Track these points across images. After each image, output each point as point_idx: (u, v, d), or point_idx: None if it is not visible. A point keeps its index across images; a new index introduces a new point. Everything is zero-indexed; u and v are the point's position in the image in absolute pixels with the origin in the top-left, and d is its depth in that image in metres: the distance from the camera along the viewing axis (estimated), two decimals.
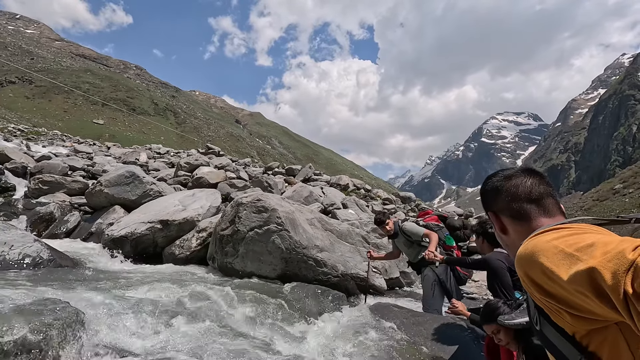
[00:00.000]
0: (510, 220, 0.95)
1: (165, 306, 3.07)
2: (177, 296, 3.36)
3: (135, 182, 7.31)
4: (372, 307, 3.44)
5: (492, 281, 2.64)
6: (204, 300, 3.25)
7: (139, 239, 5.97)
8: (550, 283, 0.67)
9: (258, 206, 4.70)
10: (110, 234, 6.06)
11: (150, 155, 20.30)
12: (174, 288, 3.73)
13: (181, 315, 2.88)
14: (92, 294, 2.93)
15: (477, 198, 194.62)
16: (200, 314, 2.95)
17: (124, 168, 7.56)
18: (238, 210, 4.79)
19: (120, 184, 7.20)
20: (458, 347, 2.52)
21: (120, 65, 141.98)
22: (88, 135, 50.06)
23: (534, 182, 0.96)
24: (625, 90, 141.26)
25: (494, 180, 1.01)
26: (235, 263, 4.78)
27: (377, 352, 2.64)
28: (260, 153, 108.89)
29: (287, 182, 13.02)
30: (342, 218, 7.77)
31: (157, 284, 3.77)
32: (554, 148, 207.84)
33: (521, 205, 0.93)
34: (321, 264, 4.96)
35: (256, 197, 4.82)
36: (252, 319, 3.10)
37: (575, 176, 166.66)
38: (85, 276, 4.04)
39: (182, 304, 3.20)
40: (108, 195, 7.09)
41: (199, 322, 2.83)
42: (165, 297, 3.30)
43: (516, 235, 0.93)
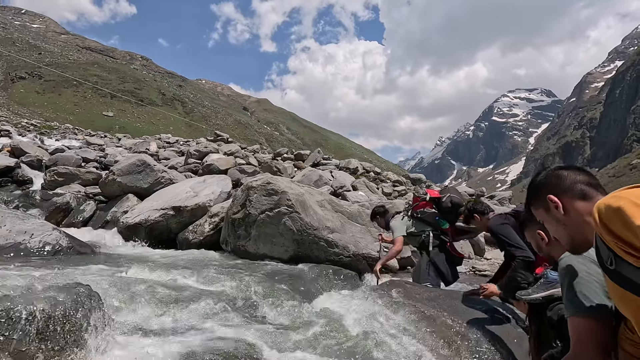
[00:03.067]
0: (574, 200, 1.13)
1: (179, 288, 3.14)
2: (191, 278, 3.44)
3: (146, 170, 7.41)
4: (384, 285, 3.46)
5: (502, 244, 2.63)
6: (216, 282, 3.32)
7: (153, 225, 6.09)
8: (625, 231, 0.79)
9: (268, 189, 4.73)
10: (125, 222, 6.20)
11: (160, 144, 20.52)
12: (187, 271, 3.81)
13: (194, 296, 2.95)
14: (110, 278, 3.02)
15: (489, 178, 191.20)
16: (212, 294, 3.02)
17: (135, 157, 7.66)
18: (249, 194, 4.84)
19: (132, 172, 7.31)
20: (474, 318, 2.53)
21: (126, 56, 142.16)
22: (99, 128, 50.76)
23: (587, 174, 1.18)
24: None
25: (553, 170, 1.21)
26: (248, 245, 4.85)
27: (391, 327, 2.67)
28: (269, 139, 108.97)
29: (296, 166, 13.05)
30: (353, 200, 7.78)
31: (172, 267, 3.86)
32: (568, 124, 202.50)
33: (584, 187, 1.13)
34: (332, 245, 5.00)
35: (266, 180, 4.85)
36: (263, 299, 3.16)
37: (591, 152, 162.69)
38: (103, 261, 4.16)
39: (196, 285, 3.27)
40: (121, 184, 7.22)
41: (211, 302, 2.90)
42: (179, 279, 3.39)
43: (581, 212, 1.10)
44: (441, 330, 2.45)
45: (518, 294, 1.82)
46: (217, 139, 14.36)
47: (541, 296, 1.68)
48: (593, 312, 1.16)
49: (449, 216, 3.81)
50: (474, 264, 7.08)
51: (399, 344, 2.33)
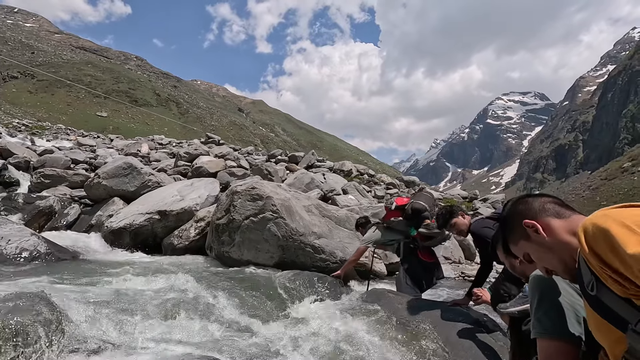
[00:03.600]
0: (550, 219, 1.05)
1: (154, 297, 3.05)
2: (169, 285, 3.34)
3: (133, 173, 7.28)
4: (367, 294, 3.40)
5: (486, 248, 2.56)
6: (194, 290, 3.23)
7: (138, 230, 5.97)
8: (612, 255, 0.73)
9: (253, 194, 4.65)
10: (110, 226, 6.08)
11: (152, 146, 20.31)
12: (167, 278, 3.72)
13: (168, 305, 2.86)
14: (82, 286, 2.91)
15: (483, 180, 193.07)
16: (188, 303, 2.92)
17: (122, 159, 7.53)
18: (233, 199, 4.75)
19: (118, 175, 7.18)
20: (455, 330, 2.47)
21: (120, 56, 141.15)
22: (92, 128, 50.22)
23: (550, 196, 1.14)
24: (635, 65, 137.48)
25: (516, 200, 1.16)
26: (232, 252, 4.76)
27: (369, 337, 2.60)
28: (264, 141, 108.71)
29: (289, 169, 12.96)
30: (342, 204, 7.71)
31: (151, 274, 3.75)
32: (561, 127, 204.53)
33: (554, 206, 1.07)
34: (319, 251, 4.92)
35: (251, 185, 4.76)
36: (243, 307, 3.07)
37: (583, 155, 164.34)
38: (81, 268, 4.05)
39: (172, 294, 3.18)
40: (107, 187, 7.09)
41: (188, 311, 2.81)
42: (157, 287, 3.29)
43: (563, 229, 1.02)
44: (419, 343, 2.38)
45: (498, 307, 1.77)
46: (208, 141, 14.21)
47: (517, 310, 1.64)
48: (562, 335, 1.11)
49: (413, 223, 3.73)
50: (463, 269, 7.05)
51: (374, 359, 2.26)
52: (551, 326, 1.12)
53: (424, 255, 3.80)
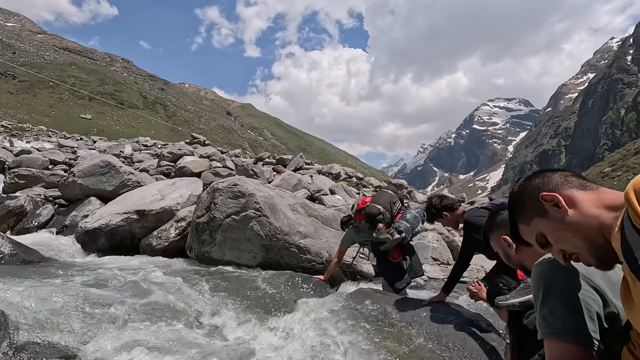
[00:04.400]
0: (575, 191, 0.90)
1: (125, 299, 2.81)
2: (142, 288, 3.11)
3: (111, 172, 6.97)
4: (354, 293, 3.22)
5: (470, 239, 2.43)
6: (170, 291, 3.01)
7: (114, 230, 5.67)
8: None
9: (234, 191, 4.44)
10: (84, 226, 5.76)
11: (137, 147, 19.83)
12: (141, 280, 3.48)
13: (137, 310, 2.63)
14: (42, 291, 2.66)
15: (470, 185, 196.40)
16: (162, 305, 2.70)
17: (99, 157, 7.21)
18: (214, 196, 4.53)
19: (95, 174, 6.86)
20: (445, 329, 2.31)
21: (106, 58, 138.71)
22: (76, 131, 48.91)
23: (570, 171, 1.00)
24: (614, 74, 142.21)
25: (533, 174, 1.00)
26: (213, 252, 4.53)
27: (356, 339, 2.43)
28: (253, 145, 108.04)
29: (276, 170, 12.74)
30: (330, 204, 7.55)
31: (125, 276, 3.50)
32: (544, 133, 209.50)
33: (577, 179, 0.93)
34: (304, 251, 4.74)
35: (232, 182, 4.55)
36: (221, 309, 2.86)
37: (566, 160, 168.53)
38: (47, 271, 3.76)
39: (147, 295, 2.95)
40: (82, 186, 6.75)
41: (160, 314, 2.59)
42: (128, 290, 3.05)
43: (590, 202, 0.88)
44: (410, 345, 2.22)
45: (496, 299, 1.61)
46: (193, 142, 13.90)
47: (517, 302, 1.49)
48: (572, 335, 0.94)
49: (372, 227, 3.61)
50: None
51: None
52: (559, 325, 0.95)
53: (394, 255, 3.71)
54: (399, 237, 3.48)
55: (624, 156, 78.78)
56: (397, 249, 3.72)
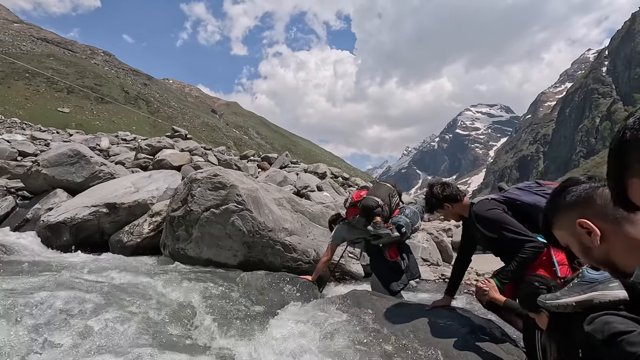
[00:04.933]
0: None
1: (85, 302, 2.39)
2: (105, 290, 2.68)
3: (80, 162, 6.41)
4: (347, 295, 2.89)
5: (500, 234, 2.10)
6: (137, 295, 2.59)
7: (81, 225, 5.16)
8: None
9: (215, 182, 4.02)
10: (46, 220, 5.22)
11: (115, 141, 18.99)
12: (105, 281, 3.05)
13: (102, 313, 2.22)
14: None
15: None
16: (126, 309, 2.30)
17: (67, 146, 6.63)
18: (191, 188, 4.10)
19: (63, 164, 6.29)
20: (454, 340, 1.99)
21: (86, 50, 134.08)
22: (52, 125, 46.68)
23: None
24: (590, 84, 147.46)
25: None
26: (189, 249, 4.10)
27: (351, 349, 2.10)
28: (237, 143, 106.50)
29: (261, 167, 12.31)
30: (317, 201, 7.19)
31: (84, 276, 3.06)
32: (524, 139, 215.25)
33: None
34: (290, 249, 4.37)
35: (213, 172, 4.14)
36: (195, 312, 2.47)
37: (544, 166, 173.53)
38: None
39: (109, 299, 2.53)
40: (47, 177, 6.17)
41: (123, 323, 2.18)
42: (87, 292, 2.61)
43: None
44: (414, 357, 1.89)
45: (540, 298, 1.28)
46: (174, 135, 13.29)
47: (575, 301, 1.16)
48: None
49: (368, 221, 3.36)
50: (442, 271, 6.70)
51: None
52: None
53: (391, 253, 3.46)
54: (398, 235, 3.24)
55: (597, 163, 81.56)
56: (394, 247, 3.47)
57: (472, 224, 2.31)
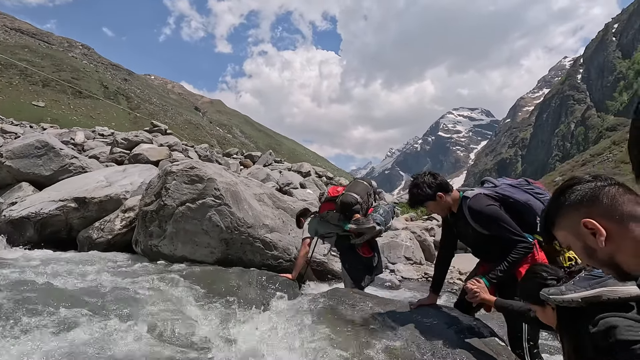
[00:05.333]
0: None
1: (35, 303, 2.16)
2: (69, 291, 2.45)
3: (49, 154, 6.03)
4: (328, 293, 2.75)
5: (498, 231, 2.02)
6: (102, 295, 2.38)
7: (46, 220, 4.84)
8: None
9: (191, 175, 3.81)
10: (9, 215, 4.87)
11: (91, 136, 18.28)
12: (70, 280, 2.81)
13: (64, 313, 2.01)
14: None
15: None
16: (91, 310, 2.08)
17: (34, 137, 6.24)
18: (166, 180, 3.87)
19: (29, 155, 5.90)
20: (442, 339, 1.88)
21: (64, 42, 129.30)
22: (26, 119, 44.62)
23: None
24: (566, 90, 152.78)
25: None
26: (163, 246, 3.87)
27: (335, 350, 1.96)
28: (221, 142, 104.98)
29: (243, 164, 12.05)
30: (300, 197, 7.04)
31: (46, 276, 2.81)
32: (503, 143, 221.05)
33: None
34: (271, 247, 4.20)
35: (189, 164, 3.92)
36: (165, 313, 2.28)
37: (522, 169, 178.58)
38: None
39: (70, 299, 2.30)
40: (12, 169, 5.78)
41: (87, 325, 1.97)
42: (47, 293, 2.38)
43: None
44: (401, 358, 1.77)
45: (543, 292, 1.18)
46: (153, 130, 12.86)
47: (581, 297, 1.07)
48: None
49: (345, 216, 3.38)
50: (425, 269, 6.67)
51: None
52: None
53: (364, 250, 3.48)
54: (382, 229, 3.24)
55: (572, 167, 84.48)
56: (366, 245, 3.48)
57: (462, 219, 2.19)
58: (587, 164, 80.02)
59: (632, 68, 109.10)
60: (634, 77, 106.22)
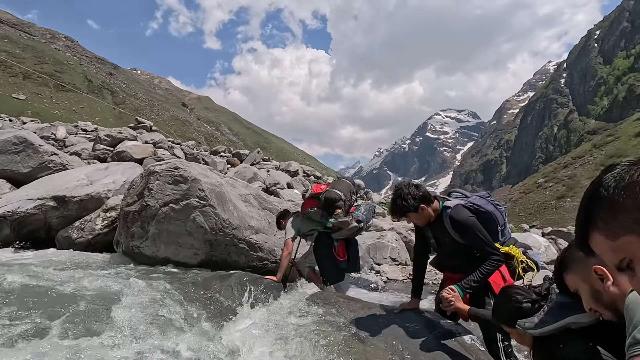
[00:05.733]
0: None
1: (18, 308, 2.09)
2: (44, 294, 2.37)
3: (27, 150, 5.85)
4: (314, 297, 2.74)
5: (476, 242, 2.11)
6: (80, 298, 2.31)
7: (24, 219, 4.69)
8: None
9: (175, 175, 3.74)
10: None
11: (73, 131, 17.80)
12: (45, 283, 2.72)
13: (38, 320, 1.94)
14: None
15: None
16: (66, 319, 2.02)
17: (12, 132, 6.05)
18: (149, 180, 3.79)
19: (6, 152, 5.71)
20: (411, 340, 1.89)
21: (46, 34, 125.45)
22: (5, 112, 43.18)
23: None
24: (549, 94, 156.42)
25: None
26: (145, 247, 3.79)
27: (311, 349, 1.95)
28: (209, 139, 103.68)
29: (230, 163, 11.93)
30: (287, 198, 7.00)
31: (21, 276, 2.72)
32: (489, 144, 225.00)
33: None
34: (256, 248, 4.16)
35: (173, 164, 3.85)
36: (145, 318, 2.23)
37: (506, 170, 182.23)
38: None
39: (46, 304, 2.23)
40: None
41: (60, 331, 1.91)
42: (20, 296, 2.30)
43: None
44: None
45: (520, 323, 1.22)
46: (138, 127, 12.59)
47: (555, 328, 1.13)
48: None
49: (327, 213, 3.48)
50: (411, 270, 6.73)
51: None
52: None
53: (339, 251, 3.56)
54: (356, 225, 3.36)
55: (555, 169, 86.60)
56: (343, 244, 3.57)
57: (441, 227, 2.25)
58: (568, 166, 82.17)
59: (612, 74, 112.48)
60: (614, 83, 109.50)
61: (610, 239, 0.62)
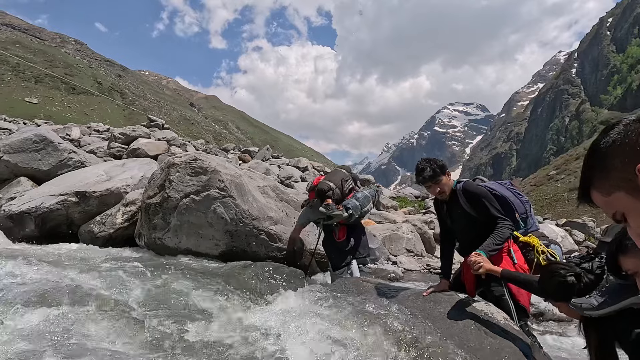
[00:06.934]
0: None
1: (47, 298, 2.14)
2: (71, 283, 2.42)
3: (47, 148, 5.96)
4: (339, 283, 2.75)
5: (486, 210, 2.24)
6: (106, 289, 2.35)
7: (47, 215, 4.78)
8: None
9: (195, 167, 3.77)
10: (8, 210, 4.81)
11: (87, 132, 18.11)
12: (73, 273, 2.77)
13: (64, 310, 1.98)
14: None
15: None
16: (93, 309, 2.06)
17: (32, 131, 6.16)
18: (169, 173, 3.83)
19: (27, 150, 5.82)
20: (455, 328, 1.88)
21: (56, 38, 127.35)
22: (19, 115, 44.13)
23: None
24: (560, 85, 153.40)
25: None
26: (167, 239, 3.84)
27: (343, 337, 1.95)
28: (217, 138, 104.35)
29: (241, 159, 11.99)
30: (302, 191, 7.02)
31: (48, 269, 2.78)
32: (498, 137, 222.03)
33: None
34: (275, 239, 4.18)
35: (192, 156, 3.89)
36: (172, 306, 2.26)
37: (516, 163, 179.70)
38: None
39: (77, 293, 2.28)
40: (9, 164, 5.70)
41: (89, 321, 1.95)
42: (51, 287, 2.35)
43: None
44: (425, 351, 1.76)
45: (575, 303, 1.20)
46: (150, 125, 12.73)
47: (616, 309, 1.10)
48: None
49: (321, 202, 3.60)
50: (427, 261, 6.70)
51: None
52: None
53: (339, 234, 3.70)
54: (346, 215, 3.44)
55: (566, 161, 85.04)
56: (344, 228, 3.68)
57: (454, 201, 2.42)
58: (580, 157, 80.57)
59: (626, 62, 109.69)
60: (627, 71, 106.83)
61: (604, 196, 0.70)
